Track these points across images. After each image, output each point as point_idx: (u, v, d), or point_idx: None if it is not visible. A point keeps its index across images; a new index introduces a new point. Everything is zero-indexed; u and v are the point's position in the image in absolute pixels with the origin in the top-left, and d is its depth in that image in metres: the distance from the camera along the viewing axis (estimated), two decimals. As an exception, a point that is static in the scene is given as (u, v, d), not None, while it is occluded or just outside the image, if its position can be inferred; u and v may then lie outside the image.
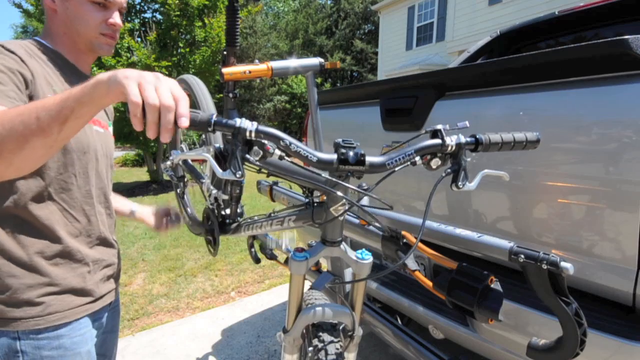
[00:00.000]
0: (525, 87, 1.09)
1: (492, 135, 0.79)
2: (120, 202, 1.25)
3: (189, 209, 1.59)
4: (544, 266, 0.69)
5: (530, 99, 1.06)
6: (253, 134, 0.63)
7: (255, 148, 0.65)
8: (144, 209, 1.29)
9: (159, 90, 0.55)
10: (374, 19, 19.26)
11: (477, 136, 0.78)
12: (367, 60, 20.06)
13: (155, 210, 1.31)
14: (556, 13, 2.04)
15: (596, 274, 0.96)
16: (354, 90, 1.85)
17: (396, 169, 0.74)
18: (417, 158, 0.75)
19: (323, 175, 0.74)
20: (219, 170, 0.62)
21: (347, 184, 0.72)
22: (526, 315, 1.01)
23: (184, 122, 0.56)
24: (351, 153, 0.70)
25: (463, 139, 0.77)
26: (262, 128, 0.64)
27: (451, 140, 0.76)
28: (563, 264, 0.68)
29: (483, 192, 1.20)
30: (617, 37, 0.84)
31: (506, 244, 0.78)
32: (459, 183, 0.76)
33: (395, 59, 14.14)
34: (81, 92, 0.60)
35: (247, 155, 0.64)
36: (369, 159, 0.71)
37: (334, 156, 0.70)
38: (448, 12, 11.86)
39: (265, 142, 0.65)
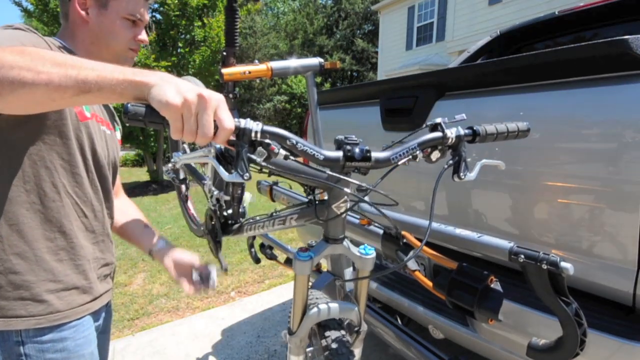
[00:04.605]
0: (525, 87, 1.09)
1: (487, 127, 0.82)
2: (142, 233, 1.14)
3: (191, 212, 1.59)
4: (544, 266, 0.69)
5: (530, 99, 1.06)
6: (259, 135, 0.62)
7: (260, 149, 0.64)
8: (171, 252, 1.10)
9: (200, 121, 0.56)
10: (374, 19, 19.25)
11: (474, 128, 0.81)
12: (368, 59, 20.06)
13: (179, 257, 1.10)
14: (556, 13, 2.04)
15: (596, 274, 0.96)
16: (354, 90, 1.85)
17: (399, 162, 0.75)
18: (419, 152, 0.77)
19: (327, 171, 0.73)
20: (225, 174, 0.61)
21: (351, 179, 0.73)
22: (526, 315, 1.01)
23: (202, 142, 0.58)
24: (357, 150, 0.71)
25: (462, 131, 0.80)
26: (268, 128, 0.63)
27: (451, 133, 0.78)
28: (563, 264, 0.68)
29: (483, 192, 1.20)
30: (617, 37, 0.84)
31: (506, 244, 0.78)
32: (461, 174, 0.79)
33: (395, 59, 14.13)
34: (121, 82, 0.58)
35: (253, 156, 0.63)
36: (374, 154, 0.72)
37: (340, 153, 0.70)
38: (448, 12, 11.86)
39: (270, 142, 0.64)
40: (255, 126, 0.62)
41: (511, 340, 1.07)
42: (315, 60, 1.16)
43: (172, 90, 0.55)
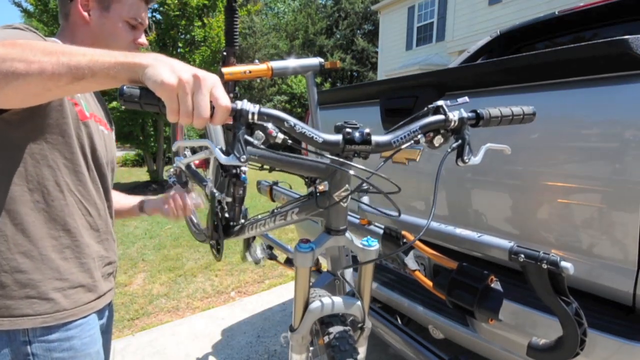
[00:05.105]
0: (525, 87, 1.09)
1: (491, 110, 0.79)
2: (127, 200, 1.23)
3: (193, 217, 1.58)
4: (544, 266, 0.69)
5: (530, 99, 1.06)
6: (256, 117, 0.61)
7: (258, 132, 0.63)
8: (155, 200, 1.22)
9: (196, 101, 0.55)
10: (374, 19, 19.24)
11: (478, 111, 0.78)
12: (368, 59, 20.05)
13: (166, 197, 1.22)
14: (556, 13, 2.04)
15: (596, 274, 0.96)
16: (354, 90, 1.85)
17: (402, 147, 0.73)
18: (421, 136, 0.74)
19: (326, 155, 0.72)
20: (222, 157, 0.60)
21: (354, 164, 0.71)
22: (526, 315, 1.01)
23: (198, 124, 0.57)
24: (357, 133, 0.69)
25: (465, 114, 0.77)
26: (265, 110, 0.62)
27: (454, 116, 0.75)
28: (563, 263, 0.68)
29: (483, 191, 1.20)
30: (617, 37, 0.84)
31: (506, 243, 0.78)
32: (465, 157, 0.75)
33: (395, 59, 14.13)
34: (113, 65, 0.58)
35: (250, 139, 0.62)
36: (374, 138, 0.70)
37: (340, 136, 0.69)
38: (448, 12, 11.86)
39: (268, 125, 0.63)
40: (252, 107, 0.61)
41: (511, 340, 1.07)
42: (315, 60, 1.16)
43: (167, 69, 0.55)
